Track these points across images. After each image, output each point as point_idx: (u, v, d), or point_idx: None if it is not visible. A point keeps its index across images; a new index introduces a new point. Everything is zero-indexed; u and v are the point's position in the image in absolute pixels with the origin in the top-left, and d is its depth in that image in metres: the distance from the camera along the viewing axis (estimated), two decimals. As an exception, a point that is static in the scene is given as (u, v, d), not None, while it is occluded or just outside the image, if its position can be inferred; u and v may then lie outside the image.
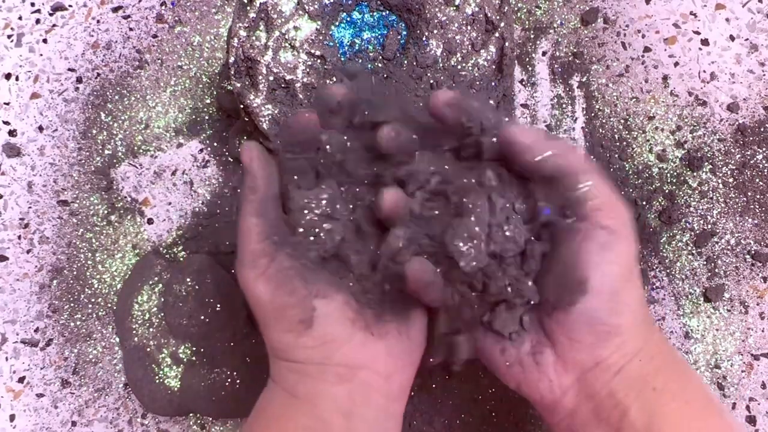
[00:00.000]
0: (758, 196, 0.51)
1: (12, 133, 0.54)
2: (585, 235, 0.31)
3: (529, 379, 0.32)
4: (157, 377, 0.47)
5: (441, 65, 0.42)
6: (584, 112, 0.53)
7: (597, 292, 0.30)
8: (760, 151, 0.52)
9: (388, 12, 0.44)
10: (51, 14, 0.56)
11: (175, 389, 0.47)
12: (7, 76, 0.55)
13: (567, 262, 0.31)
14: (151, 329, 0.48)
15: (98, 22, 0.56)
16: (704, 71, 0.54)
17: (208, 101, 0.54)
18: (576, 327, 0.31)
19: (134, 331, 0.48)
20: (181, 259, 0.51)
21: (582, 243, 0.31)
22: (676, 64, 0.54)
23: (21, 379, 0.50)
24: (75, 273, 0.52)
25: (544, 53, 0.54)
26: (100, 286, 0.51)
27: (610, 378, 0.31)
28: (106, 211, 0.53)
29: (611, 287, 0.31)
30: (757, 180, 0.52)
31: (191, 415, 0.49)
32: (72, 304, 0.51)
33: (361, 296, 0.33)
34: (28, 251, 0.52)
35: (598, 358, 0.31)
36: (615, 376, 0.31)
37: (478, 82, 0.43)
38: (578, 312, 0.30)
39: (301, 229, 0.33)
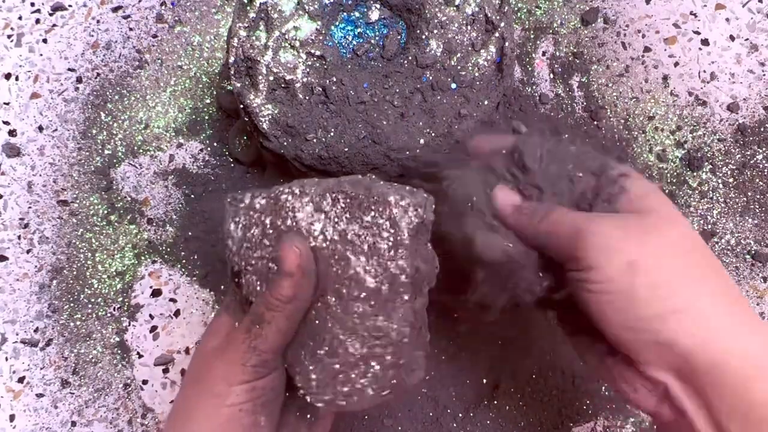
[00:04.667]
0: (758, 196, 0.51)
1: (12, 133, 0.54)
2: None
3: (637, 399, 0.32)
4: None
5: (441, 65, 0.42)
6: (584, 112, 0.53)
7: (643, 283, 0.29)
8: (760, 151, 0.52)
9: (388, 12, 0.44)
10: (51, 14, 0.56)
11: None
12: (7, 76, 0.55)
13: None
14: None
15: (98, 22, 0.56)
16: (704, 71, 0.54)
17: (208, 101, 0.54)
18: (625, 332, 0.30)
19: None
20: (182, 260, 0.51)
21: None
22: (676, 64, 0.54)
23: (21, 379, 0.50)
24: (75, 273, 0.52)
25: (544, 53, 0.54)
26: (100, 286, 0.51)
27: (692, 369, 0.29)
28: (106, 211, 0.53)
29: (657, 277, 0.29)
30: (757, 180, 0.52)
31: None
32: (72, 304, 0.51)
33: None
34: (28, 251, 0.52)
35: (663, 344, 0.29)
36: (703, 373, 0.29)
37: (478, 82, 0.43)
38: (623, 320, 0.30)
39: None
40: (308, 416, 0.35)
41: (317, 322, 0.32)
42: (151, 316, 0.51)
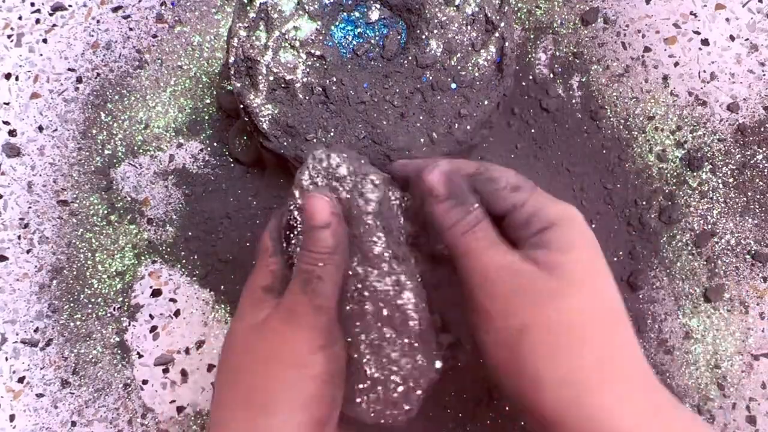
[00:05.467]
0: (758, 196, 0.51)
1: (12, 133, 0.54)
2: None
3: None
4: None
5: (441, 65, 0.42)
6: (584, 112, 0.53)
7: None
8: (760, 151, 0.52)
9: (388, 12, 0.44)
10: (51, 14, 0.56)
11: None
12: (7, 76, 0.55)
13: None
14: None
15: (98, 22, 0.56)
16: (704, 71, 0.54)
17: (208, 101, 0.54)
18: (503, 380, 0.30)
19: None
20: (182, 260, 0.51)
21: None
22: (676, 64, 0.54)
23: (21, 379, 0.50)
24: (75, 273, 0.52)
25: (544, 53, 0.54)
26: (100, 286, 0.51)
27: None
28: (106, 211, 0.53)
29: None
30: (757, 180, 0.52)
31: (191, 415, 0.49)
32: (72, 304, 0.51)
33: None
34: (28, 251, 0.52)
35: (537, 413, 0.28)
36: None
37: (478, 82, 0.43)
38: None
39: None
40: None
41: (349, 320, 0.32)
42: (151, 316, 0.51)
